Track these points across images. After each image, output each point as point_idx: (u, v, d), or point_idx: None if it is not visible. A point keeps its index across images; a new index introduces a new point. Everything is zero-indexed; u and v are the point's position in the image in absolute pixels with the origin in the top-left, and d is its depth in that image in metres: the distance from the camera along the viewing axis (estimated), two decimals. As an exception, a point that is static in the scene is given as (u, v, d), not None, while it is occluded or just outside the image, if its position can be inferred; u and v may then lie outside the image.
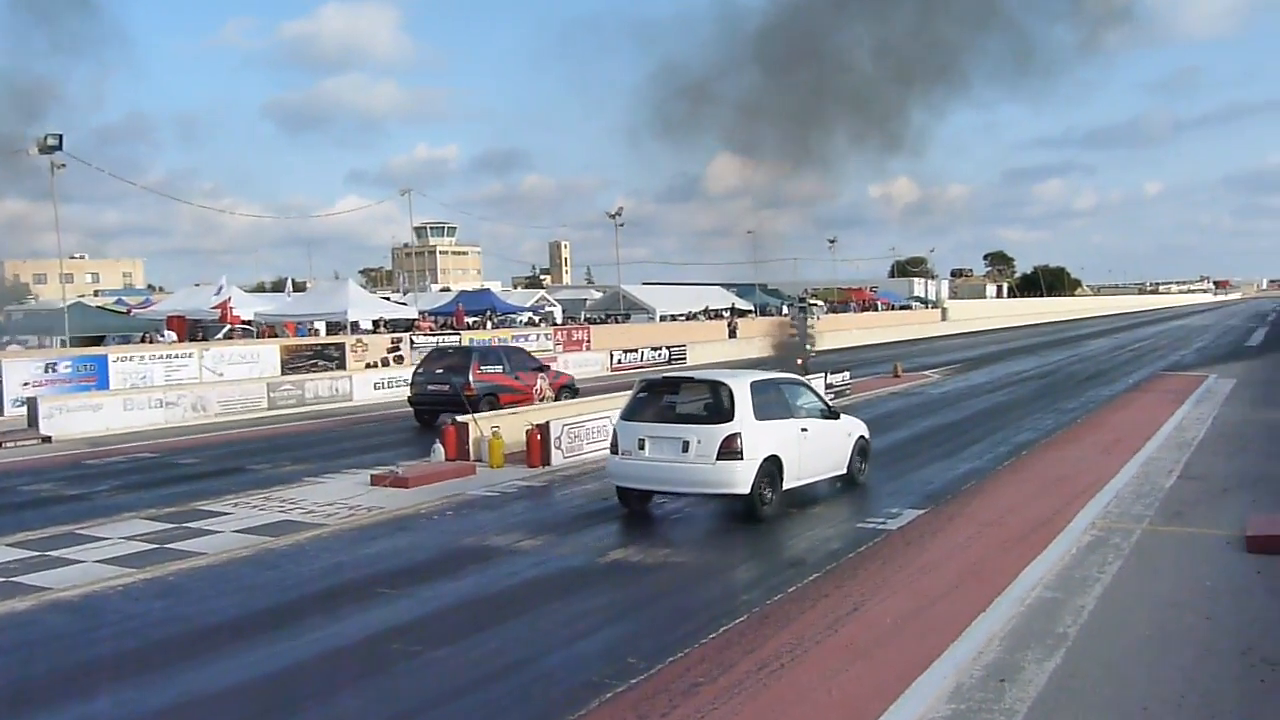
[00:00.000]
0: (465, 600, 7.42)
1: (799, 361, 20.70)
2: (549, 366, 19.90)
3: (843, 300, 69.63)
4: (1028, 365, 31.83)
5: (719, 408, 10.03)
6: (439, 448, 13.44)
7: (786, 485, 10.31)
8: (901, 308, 71.21)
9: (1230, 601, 6.98)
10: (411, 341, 29.66)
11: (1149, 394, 21.61)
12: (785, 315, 23.29)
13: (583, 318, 51.65)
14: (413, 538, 9.52)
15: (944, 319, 72.05)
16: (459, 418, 14.09)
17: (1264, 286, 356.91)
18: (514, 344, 25.10)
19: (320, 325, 34.45)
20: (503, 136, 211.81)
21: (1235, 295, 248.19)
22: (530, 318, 49.31)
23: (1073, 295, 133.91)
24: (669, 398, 10.46)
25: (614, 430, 10.44)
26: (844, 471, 11.44)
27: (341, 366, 26.75)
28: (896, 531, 9.40)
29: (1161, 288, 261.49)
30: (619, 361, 36.45)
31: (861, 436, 11.84)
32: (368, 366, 27.20)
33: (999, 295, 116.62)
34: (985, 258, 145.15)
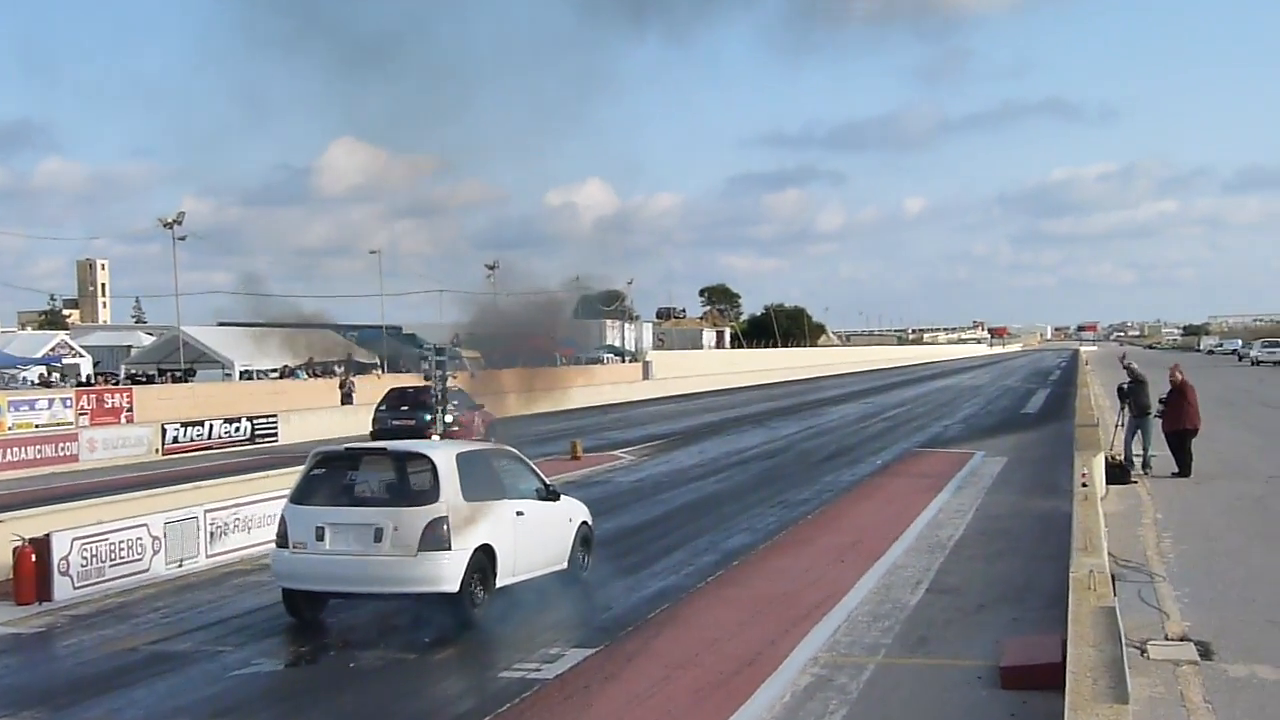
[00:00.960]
0: None
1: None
2: (483, 405, 24.62)
3: (508, 350, 70.59)
4: (752, 441, 33.97)
5: (418, 485, 10.81)
6: None
7: (501, 582, 11.25)
8: (590, 361, 73.13)
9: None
10: None
11: (900, 478, 23.64)
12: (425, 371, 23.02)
13: (124, 374, 48.87)
14: None
15: (646, 376, 75.01)
16: None
17: (1048, 336, 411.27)
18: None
19: None
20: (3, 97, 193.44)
21: (1015, 347, 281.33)
22: (42, 374, 46.21)
23: (815, 345, 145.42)
24: (353, 474, 11.22)
25: (281, 517, 11.13)
26: (564, 566, 12.79)
27: None
28: (553, 681, 9.63)
29: (927, 336, 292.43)
30: (175, 440, 34.22)
31: (585, 522, 13.39)
32: None
33: (719, 344, 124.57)
34: (702, 293, 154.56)
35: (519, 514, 11.82)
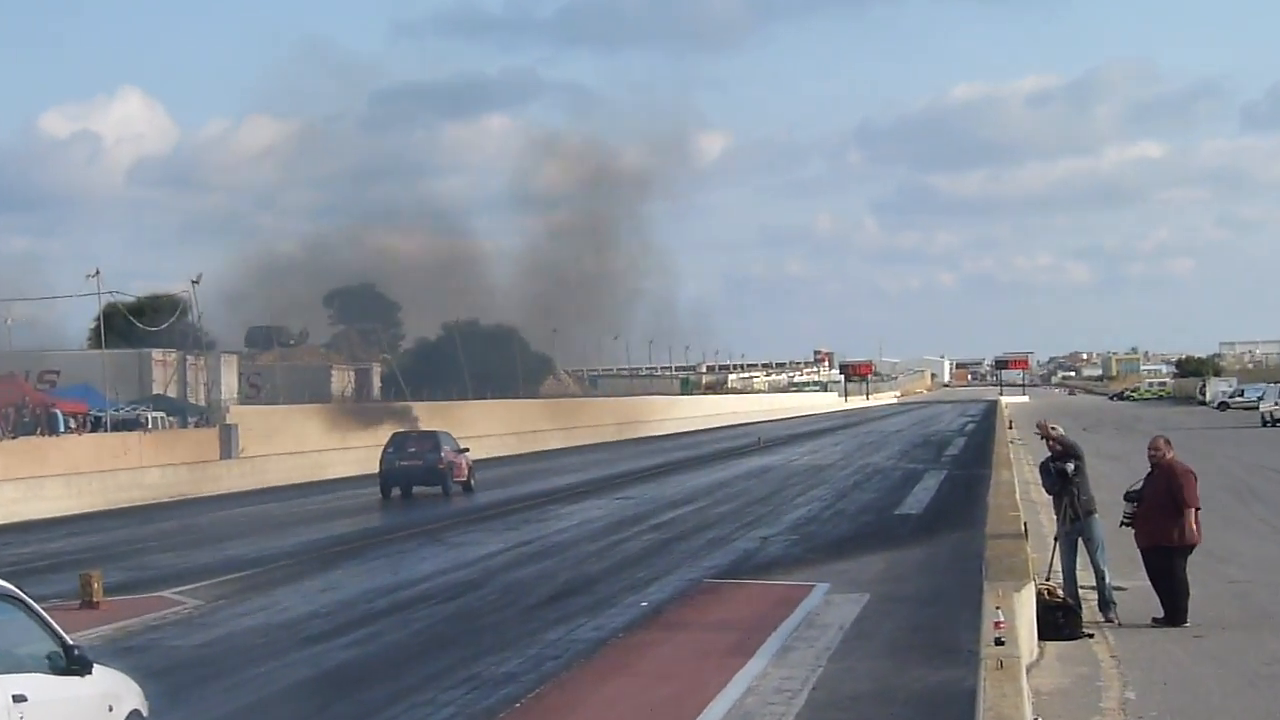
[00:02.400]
0: None
1: None
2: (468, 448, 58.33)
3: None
4: (422, 568, 33.96)
5: None
6: None
7: None
8: (123, 425, 73.11)
9: None
10: None
11: (682, 635, 23.72)
12: None
13: None
14: None
15: (227, 453, 74.39)
16: None
17: (945, 378, 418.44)
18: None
19: None
20: None
21: (887, 396, 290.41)
22: None
23: (534, 395, 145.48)
24: None
25: None
26: None
27: None
28: None
29: (736, 378, 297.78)
30: None
31: (136, 711, 13.90)
32: None
33: (363, 392, 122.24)
34: (331, 301, 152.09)
35: (17, 699, 11.98)
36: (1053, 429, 23.57)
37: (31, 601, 13.10)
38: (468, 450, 59.66)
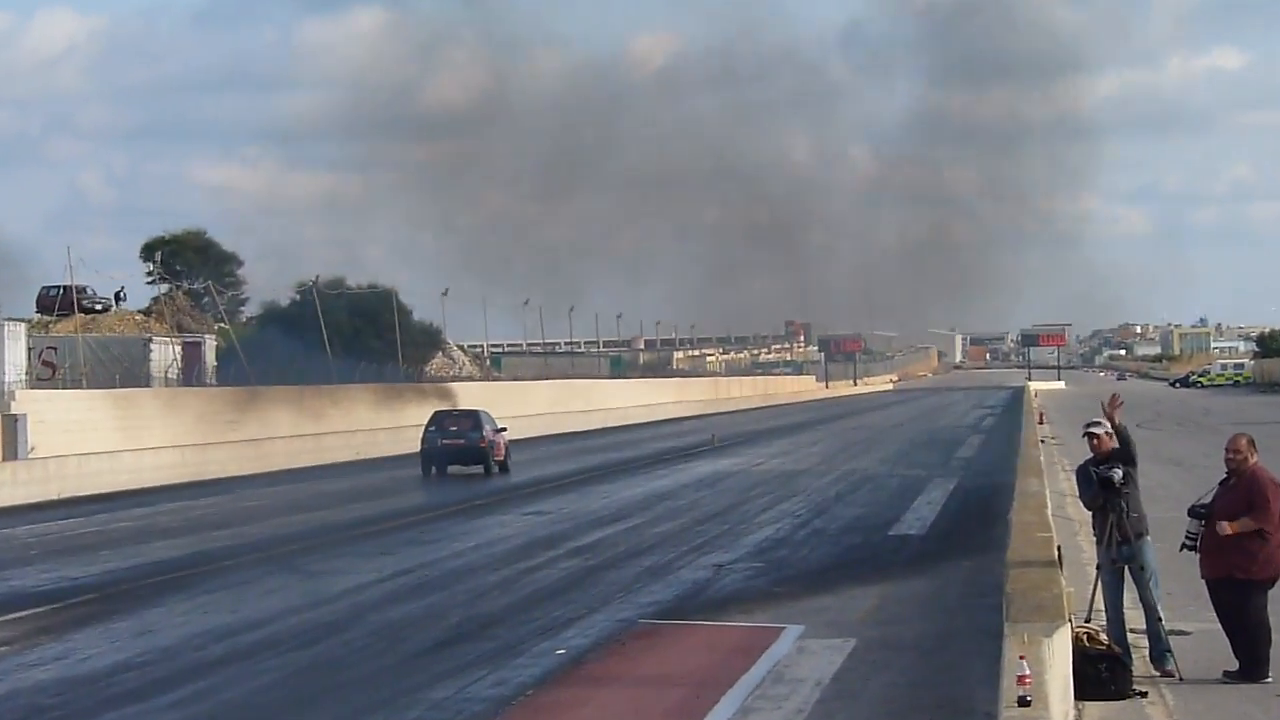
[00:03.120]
0: None
1: None
2: (505, 428, 78.88)
3: None
4: (266, 606, 33.85)
5: None
6: None
7: None
8: None
9: None
10: None
11: (609, 692, 23.78)
12: None
13: None
14: None
15: (11, 454, 73.74)
16: None
17: (957, 357, 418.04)
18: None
19: None
20: None
21: (878, 382, 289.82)
22: None
23: (436, 381, 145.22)
24: None
25: None
26: None
27: None
28: None
29: (683, 355, 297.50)
30: None
31: None
32: None
33: (191, 374, 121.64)
34: (152, 252, 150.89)
35: None
36: (1117, 405, 23.04)
37: None
38: (505, 430, 77.07)
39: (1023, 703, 15.70)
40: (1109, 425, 23.10)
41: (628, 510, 53.20)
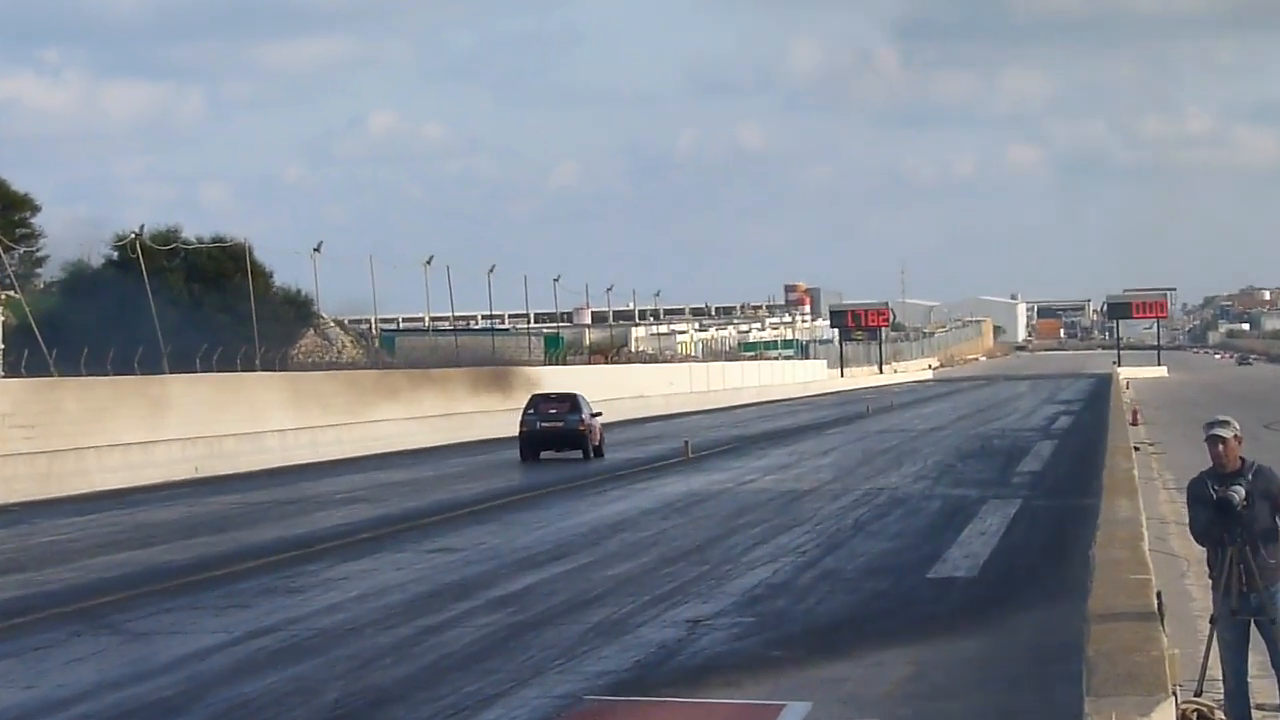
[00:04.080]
0: None
1: None
2: (600, 412, 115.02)
3: None
4: (90, 676, 34.02)
5: None
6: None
7: None
8: None
9: None
10: None
11: None
12: None
13: None
14: None
15: None
16: None
17: (1020, 333, 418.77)
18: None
19: None
20: None
21: (916, 369, 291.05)
22: None
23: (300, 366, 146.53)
24: None
25: None
26: None
27: None
28: None
29: (645, 331, 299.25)
30: None
31: None
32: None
33: (14, 365, 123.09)
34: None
35: None
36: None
37: None
38: (600, 414, 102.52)
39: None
40: (1238, 427, 23.48)
41: (568, 546, 53.73)
